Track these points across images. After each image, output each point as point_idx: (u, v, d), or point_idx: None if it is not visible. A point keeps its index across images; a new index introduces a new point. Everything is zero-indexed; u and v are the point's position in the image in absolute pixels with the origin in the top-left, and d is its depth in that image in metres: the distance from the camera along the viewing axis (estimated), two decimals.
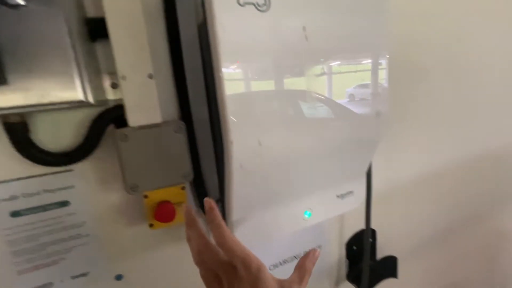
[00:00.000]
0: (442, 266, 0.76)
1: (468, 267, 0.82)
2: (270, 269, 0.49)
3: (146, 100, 0.32)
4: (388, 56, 0.36)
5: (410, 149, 0.59)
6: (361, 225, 0.52)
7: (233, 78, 0.28)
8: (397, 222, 0.63)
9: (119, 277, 0.38)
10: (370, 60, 0.36)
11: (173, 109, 0.36)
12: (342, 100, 0.34)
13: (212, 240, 0.26)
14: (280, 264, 0.51)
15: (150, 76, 0.32)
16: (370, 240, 0.58)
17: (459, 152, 0.67)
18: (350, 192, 0.43)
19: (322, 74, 0.32)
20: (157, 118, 0.33)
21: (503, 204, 0.82)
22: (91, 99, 0.26)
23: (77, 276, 0.36)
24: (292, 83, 0.30)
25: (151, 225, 0.35)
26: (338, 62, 0.32)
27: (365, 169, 0.43)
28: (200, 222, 0.28)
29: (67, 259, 0.35)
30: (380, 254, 0.61)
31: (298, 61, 0.30)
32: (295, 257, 0.52)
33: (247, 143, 0.29)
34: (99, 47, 0.32)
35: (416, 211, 0.65)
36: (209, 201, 0.26)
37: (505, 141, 0.75)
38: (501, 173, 0.78)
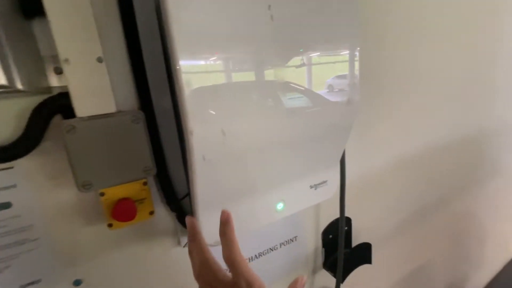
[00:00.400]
0: (413, 250, 0.79)
1: (436, 249, 0.87)
2: None
3: (95, 87, 0.28)
4: (359, 48, 0.35)
5: (381, 138, 0.60)
6: (337, 214, 0.52)
7: (192, 68, 0.25)
8: (371, 209, 0.64)
9: (77, 283, 0.35)
10: (347, 51, 0.34)
11: (130, 98, 0.33)
12: (321, 91, 0.33)
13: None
14: (256, 257, 0.50)
15: (100, 60, 0.28)
16: (345, 228, 0.59)
17: (427, 140, 0.69)
18: (324, 182, 0.42)
19: (293, 62, 0.30)
20: (110, 107, 0.30)
21: (467, 188, 0.87)
22: (19, 84, 0.22)
23: (27, 285, 0.32)
24: (257, 68, 0.28)
25: (110, 225, 0.32)
26: (304, 47, 0.31)
27: (338, 158, 0.43)
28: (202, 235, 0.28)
29: (14, 266, 0.31)
30: (356, 241, 0.62)
31: (262, 42, 0.27)
32: (271, 249, 0.51)
33: (209, 133, 0.26)
34: (37, 26, 0.28)
35: (388, 198, 0.67)
36: (226, 213, 0.26)
37: (469, 129, 0.79)
38: (465, 159, 0.82)
